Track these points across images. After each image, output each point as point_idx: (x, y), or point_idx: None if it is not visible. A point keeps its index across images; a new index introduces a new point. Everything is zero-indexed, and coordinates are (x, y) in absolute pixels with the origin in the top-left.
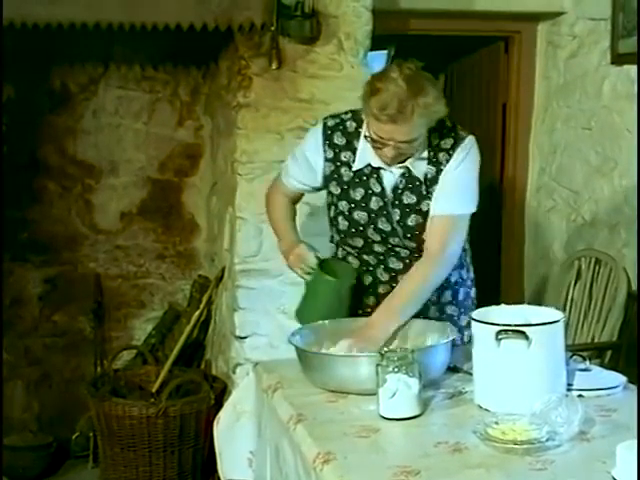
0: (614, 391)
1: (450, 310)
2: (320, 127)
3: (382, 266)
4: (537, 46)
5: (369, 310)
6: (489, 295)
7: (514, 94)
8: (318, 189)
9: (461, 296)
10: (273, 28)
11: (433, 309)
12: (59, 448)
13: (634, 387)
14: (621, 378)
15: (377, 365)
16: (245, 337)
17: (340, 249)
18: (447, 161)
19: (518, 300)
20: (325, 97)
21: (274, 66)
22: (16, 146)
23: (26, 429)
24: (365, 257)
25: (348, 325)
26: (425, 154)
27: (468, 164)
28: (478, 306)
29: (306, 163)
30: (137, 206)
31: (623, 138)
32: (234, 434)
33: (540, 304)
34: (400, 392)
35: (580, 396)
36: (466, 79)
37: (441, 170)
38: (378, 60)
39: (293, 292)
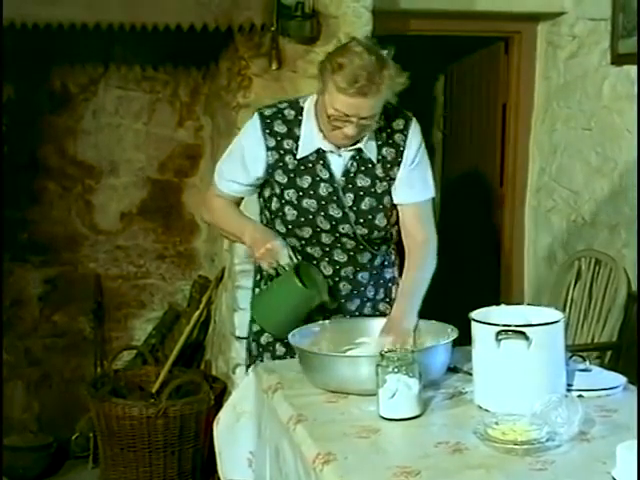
0: (614, 391)
1: (383, 307)
2: (256, 117)
3: (327, 259)
4: (537, 46)
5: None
6: (489, 295)
7: (514, 94)
8: (257, 187)
9: (394, 293)
10: (273, 28)
11: (368, 306)
12: (59, 448)
13: (634, 387)
14: (621, 378)
15: (377, 365)
16: (245, 338)
17: None
18: (404, 141)
19: (518, 300)
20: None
21: (274, 66)
22: (16, 146)
23: (26, 429)
24: (310, 250)
25: (350, 325)
26: (374, 135)
27: (424, 147)
28: (477, 307)
29: (244, 158)
30: (137, 206)
31: (623, 138)
32: (234, 434)
33: (540, 304)
34: (400, 392)
35: (580, 396)
36: (466, 79)
37: (401, 152)
38: None
39: None
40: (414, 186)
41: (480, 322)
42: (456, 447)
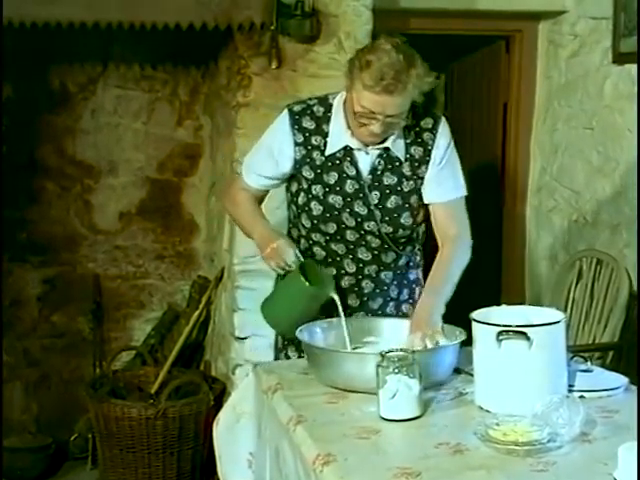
0: (616, 392)
1: (406, 308)
2: (286, 113)
3: (350, 256)
4: (538, 45)
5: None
6: (490, 295)
7: (515, 93)
8: (283, 181)
9: (417, 295)
10: (273, 27)
11: (391, 305)
12: (58, 449)
13: (636, 388)
14: (623, 379)
15: (377, 366)
16: (245, 338)
17: (305, 240)
18: (433, 140)
19: (519, 300)
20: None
21: (274, 65)
22: (15, 146)
23: (25, 430)
24: (333, 246)
25: (361, 324)
26: (402, 134)
27: (453, 146)
28: (478, 307)
29: (273, 152)
30: (136, 206)
31: (624, 138)
32: (234, 435)
33: (541, 304)
34: (400, 393)
35: (581, 397)
36: (467, 79)
37: (429, 150)
38: None
39: None
40: (443, 185)
41: (481, 322)
42: (457, 448)
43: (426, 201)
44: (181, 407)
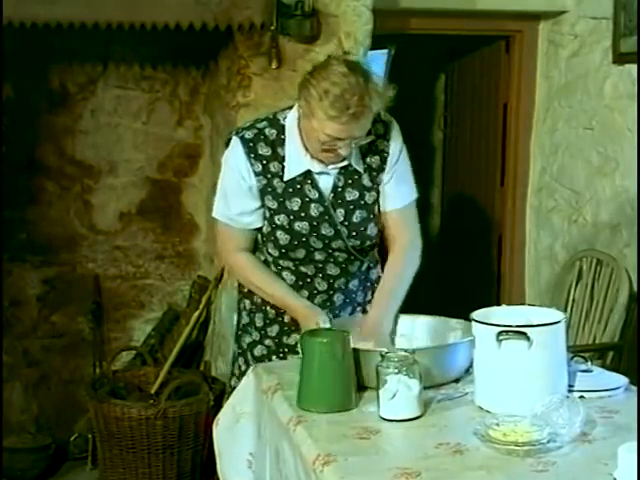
0: (616, 392)
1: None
2: (238, 142)
3: (320, 275)
4: (538, 45)
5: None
6: (490, 296)
7: (515, 94)
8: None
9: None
10: (273, 27)
11: (358, 310)
12: (58, 450)
13: (636, 388)
14: (623, 379)
15: (377, 366)
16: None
17: (274, 266)
18: (387, 147)
19: (519, 301)
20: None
21: (274, 65)
22: (15, 146)
23: (25, 431)
24: (303, 269)
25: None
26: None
27: (404, 149)
28: (479, 307)
29: (241, 185)
30: (136, 206)
31: (625, 138)
32: (234, 435)
33: (541, 305)
34: (400, 393)
35: (582, 397)
36: (467, 79)
37: (385, 158)
38: (378, 60)
39: None
40: (399, 191)
41: (481, 322)
42: (457, 448)
43: (382, 209)
44: (181, 407)
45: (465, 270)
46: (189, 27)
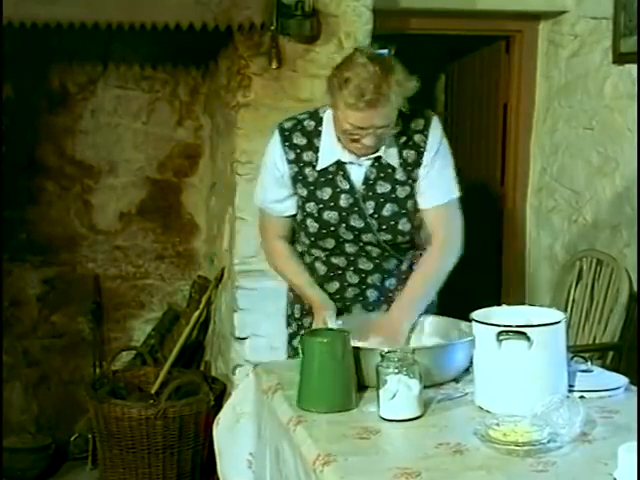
0: (616, 392)
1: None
2: (276, 132)
3: (352, 268)
4: (538, 45)
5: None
6: (490, 296)
7: (515, 94)
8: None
9: None
10: (273, 27)
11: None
12: (58, 450)
13: (636, 388)
14: (623, 379)
15: (377, 366)
16: (245, 338)
17: (307, 256)
18: (424, 142)
19: (519, 301)
20: (325, 97)
21: (274, 66)
22: (15, 146)
23: (25, 431)
24: (334, 260)
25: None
26: (393, 139)
27: (446, 145)
28: (479, 307)
29: (275, 174)
30: (136, 206)
31: (625, 138)
32: (234, 435)
33: (541, 305)
34: (400, 393)
35: (582, 397)
36: (467, 79)
37: (422, 152)
38: None
39: None
40: (436, 188)
41: (481, 322)
42: (457, 448)
43: (420, 206)
44: (181, 407)
45: (465, 270)
46: (189, 27)
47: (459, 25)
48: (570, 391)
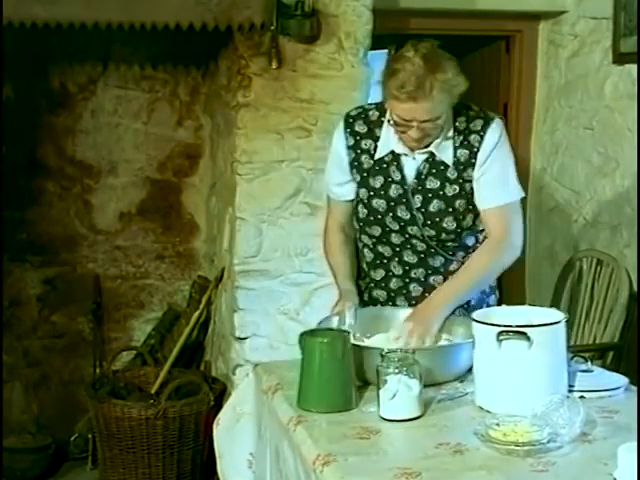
0: (616, 392)
1: (458, 312)
2: (343, 118)
3: (397, 259)
4: (538, 45)
5: (380, 305)
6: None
7: (515, 94)
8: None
9: (473, 301)
10: (273, 27)
11: None
12: (58, 450)
13: (636, 388)
14: (623, 379)
15: (377, 366)
16: (245, 338)
17: (358, 242)
18: (479, 142)
19: (519, 301)
20: (325, 97)
21: (274, 65)
22: (15, 146)
23: (25, 431)
24: (380, 249)
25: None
26: (450, 137)
27: (505, 147)
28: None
29: (335, 158)
30: (136, 206)
31: (625, 138)
32: (234, 435)
33: (541, 305)
34: (400, 393)
35: (582, 397)
36: (467, 79)
37: (475, 153)
38: (378, 59)
39: (293, 293)
40: (492, 190)
41: (481, 322)
42: (457, 448)
43: (478, 206)
44: (181, 407)
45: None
46: (189, 27)
47: (459, 25)
48: (570, 391)
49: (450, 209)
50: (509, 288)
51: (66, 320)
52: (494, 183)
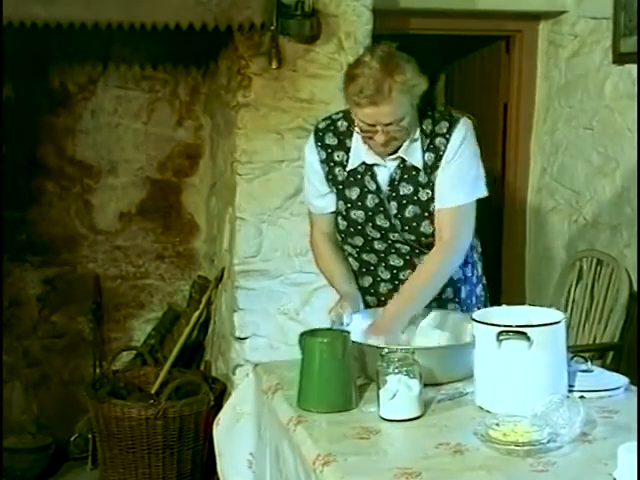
0: (616, 392)
1: (451, 307)
2: (312, 132)
3: (383, 264)
4: (538, 45)
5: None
6: (490, 296)
7: (515, 94)
8: None
9: (463, 294)
10: (273, 27)
11: (434, 305)
12: (58, 450)
13: (636, 388)
14: (623, 379)
15: (377, 366)
16: (245, 338)
17: (344, 251)
18: (445, 145)
19: (519, 301)
20: (325, 97)
21: (274, 65)
22: (15, 146)
23: (25, 431)
24: (365, 257)
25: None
26: (418, 139)
27: (467, 149)
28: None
29: (311, 173)
30: (136, 206)
31: (625, 138)
32: (234, 435)
33: (541, 305)
34: (400, 393)
35: (582, 397)
36: (467, 79)
37: (441, 156)
38: None
39: (293, 293)
40: (447, 190)
41: (481, 322)
42: (457, 448)
43: (436, 206)
44: (181, 407)
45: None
46: (189, 27)
47: (459, 25)
48: (570, 391)
49: (426, 213)
50: (509, 288)
51: (66, 320)
52: (449, 184)
